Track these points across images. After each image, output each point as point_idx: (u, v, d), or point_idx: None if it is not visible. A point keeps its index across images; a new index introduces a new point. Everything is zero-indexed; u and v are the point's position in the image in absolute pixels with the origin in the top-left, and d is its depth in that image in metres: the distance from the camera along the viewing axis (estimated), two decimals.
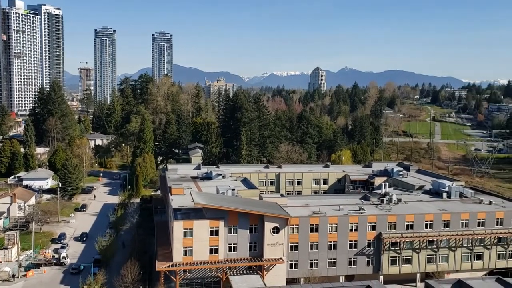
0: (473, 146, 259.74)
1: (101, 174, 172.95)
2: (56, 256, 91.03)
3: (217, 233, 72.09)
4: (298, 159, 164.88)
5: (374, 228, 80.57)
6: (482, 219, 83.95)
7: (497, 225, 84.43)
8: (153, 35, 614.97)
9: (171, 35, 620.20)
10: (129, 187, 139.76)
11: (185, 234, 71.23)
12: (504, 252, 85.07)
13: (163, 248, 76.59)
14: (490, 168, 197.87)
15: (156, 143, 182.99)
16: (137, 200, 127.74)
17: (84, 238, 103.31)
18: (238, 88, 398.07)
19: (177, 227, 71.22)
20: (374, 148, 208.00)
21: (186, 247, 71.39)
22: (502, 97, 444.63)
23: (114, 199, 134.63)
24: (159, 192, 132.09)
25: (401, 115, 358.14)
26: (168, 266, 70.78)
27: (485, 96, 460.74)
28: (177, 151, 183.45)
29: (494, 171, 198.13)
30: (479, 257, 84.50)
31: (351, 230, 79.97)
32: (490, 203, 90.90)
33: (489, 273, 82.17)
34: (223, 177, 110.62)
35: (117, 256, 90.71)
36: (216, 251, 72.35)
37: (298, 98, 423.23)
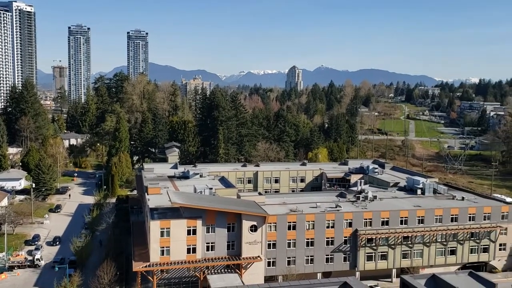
0: (446, 143, 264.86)
1: (76, 174, 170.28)
2: (30, 258, 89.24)
3: (194, 232, 71.81)
4: (275, 158, 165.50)
5: (350, 225, 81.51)
6: (455, 215, 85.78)
7: (469, 220, 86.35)
8: (128, 33, 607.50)
9: (146, 33, 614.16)
10: (105, 187, 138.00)
11: (162, 234, 70.74)
12: (477, 247, 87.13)
13: (140, 248, 75.89)
14: (463, 164, 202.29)
15: (132, 142, 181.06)
16: (113, 200, 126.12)
17: (57, 242, 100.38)
18: (215, 87, 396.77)
19: (154, 227, 70.67)
20: (350, 146, 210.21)
21: (163, 247, 70.91)
22: (474, 95, 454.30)
23: (90, 199, 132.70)
24: (135, 192, 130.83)
25: (376, 113, 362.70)
26: (145, 266, 70.19)
27: (458, 94, 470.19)
28: (153, 150, 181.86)
29: (466, 167, 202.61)
30: (453, 252, 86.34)
31: (328, 227, 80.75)
32: (463, 199, 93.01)
33: (462, 268, 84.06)
34: (201, 176, 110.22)
35: (93, 257, 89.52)
36: (194, 250, 72.07)
37: (275, 96, 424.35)
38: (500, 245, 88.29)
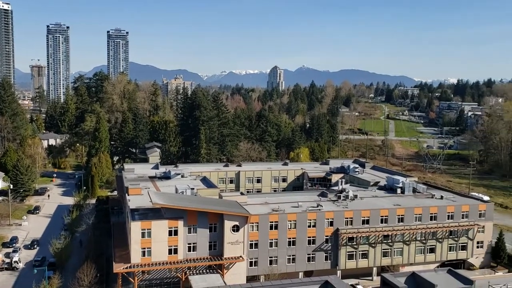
0: (425, 143, 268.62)
1: (55, 175, 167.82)
2: (8, 260, 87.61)
3: (176, 233, 71.44)
4: (257, 157, 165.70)
5: (331, 224, 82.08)
6: (434, 213, 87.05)
7: (448, 219, 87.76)
8: (108, 32, 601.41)
9: (127, 32, 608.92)
10: (85, 187, 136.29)
11: (143, 235, 70.19)
12: (455, 245, 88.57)
13: (120, 250, 75.19)
14: (441, 164, 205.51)
15: (112, 143, 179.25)
16: (93, 201, 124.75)
17: (35, 246, 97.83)
18: (197, 86, 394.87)
19: (135, 228, 70.10)
20: (331, 146, 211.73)
21: (144, 248, 70.38)
22: (452, 95, 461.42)
23: (69, 201, 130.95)
24: (115, 193, 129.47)
25: (356, 113, 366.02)
26: (126, 268, 69.57)
27: (436, 94, 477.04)
28: (134, 150, 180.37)
29: (445, 167, 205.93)
30: (432, 250, 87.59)
31: (309, 226, 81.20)
32: (441, 197, 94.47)
33: (441, 265, 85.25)
34: (182, 176, 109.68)
35: (73, 258, 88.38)
36: (175, 251, 71.70)
37: (257, 96, 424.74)
38: (478, 242, 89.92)
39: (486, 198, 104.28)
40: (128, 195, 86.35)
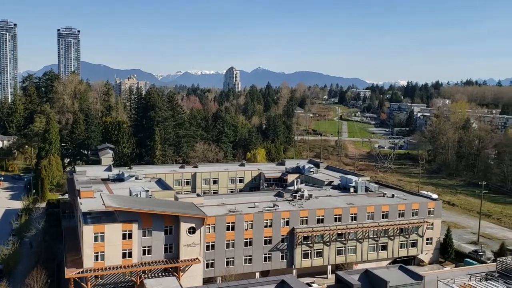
0: (377, 143, 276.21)
1: (2, 178, 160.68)
2: None
3: (130, 236, 70.06)
4: (214, 158, 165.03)
5: (287, 223, 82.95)
6: (386, 212, 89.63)
7: (399, 216, 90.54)
8: (58, 30, 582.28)
9: (78, 31, 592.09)
10: (34, 191, 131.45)
11: (96, 239, 68.42)
12: (406, 242, 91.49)
13: (72, 254, 73.00)
14: (392, 163, 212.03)
15: (63, 144, 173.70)
16: (43, 204, 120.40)
17: None
18: (151, 86, 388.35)
19: (87, 231, 68.24)
20: (287, 146, 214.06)
21: (97, 252, 68.60)
22: (402, 97, 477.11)
23: (17, 205, 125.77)
24: (67, 196, 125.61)
25: (311, 115, 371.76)
26: (78, 273, 67.57)
27: (387, 96, 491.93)
28: (86, 152, 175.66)
29: (396, 166, 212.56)
30: (384, 247, 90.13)
31: (266, 226, 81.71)
32: (392, 196, 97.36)
33: (393, 262, 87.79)
34: (136, 178, 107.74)
35: (22, 264, 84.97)
36: (130, 254, 70.32)
37: (213, 97, 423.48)
38: (427, 239, 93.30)
39: (434, 196, 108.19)
40: (80, 198, 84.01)
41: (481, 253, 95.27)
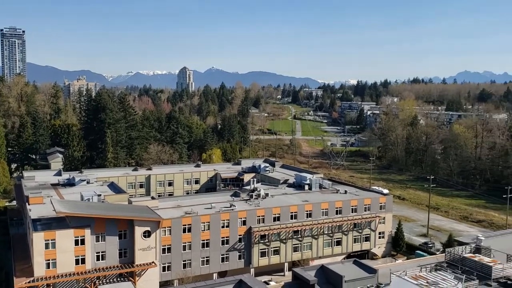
0: (329, 141, 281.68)
1: None
2: None
3: (83, 242, 68.12)
4: (168, 160, 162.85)
5: (244, 223, 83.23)
6: (340, 208, 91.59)
7: (352, 212, 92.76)
8: (1, 30, 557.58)
9: (23, 31, 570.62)
10: None
11: (46, 246, 66.07)
12: (359, 236, 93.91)
13: (22, 263, 70.14)
14: (344, 160, 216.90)
15: (9, 149, 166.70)
16: None
17: None
18: (101, 88, 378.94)
19: (37, 239, 65.78)
20: (243, 146, 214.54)
21: (48, 260, 66.27)
22: (353, 96, 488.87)
23: None
24: (14, 203, 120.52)
25: (265, 114, 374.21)
26: (29, 282, 65.03)
27: (338, 95, 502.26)
28: (34, 156, 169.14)
29: (348, 163, 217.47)
30: (338, 242, 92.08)
31: (223, 227, 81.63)
32: (345, 192, 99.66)
33: (347, 257, 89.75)
34: (88, 182, 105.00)
35: None
36: (83, 261, 68.36)
37: (166, 97, 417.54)
38: (380, 233, 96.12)
39: (385, 191, 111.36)
40: (29, 204, 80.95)
41: (430, 245, 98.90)
